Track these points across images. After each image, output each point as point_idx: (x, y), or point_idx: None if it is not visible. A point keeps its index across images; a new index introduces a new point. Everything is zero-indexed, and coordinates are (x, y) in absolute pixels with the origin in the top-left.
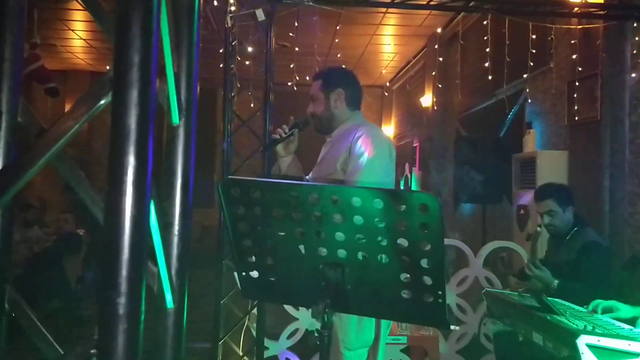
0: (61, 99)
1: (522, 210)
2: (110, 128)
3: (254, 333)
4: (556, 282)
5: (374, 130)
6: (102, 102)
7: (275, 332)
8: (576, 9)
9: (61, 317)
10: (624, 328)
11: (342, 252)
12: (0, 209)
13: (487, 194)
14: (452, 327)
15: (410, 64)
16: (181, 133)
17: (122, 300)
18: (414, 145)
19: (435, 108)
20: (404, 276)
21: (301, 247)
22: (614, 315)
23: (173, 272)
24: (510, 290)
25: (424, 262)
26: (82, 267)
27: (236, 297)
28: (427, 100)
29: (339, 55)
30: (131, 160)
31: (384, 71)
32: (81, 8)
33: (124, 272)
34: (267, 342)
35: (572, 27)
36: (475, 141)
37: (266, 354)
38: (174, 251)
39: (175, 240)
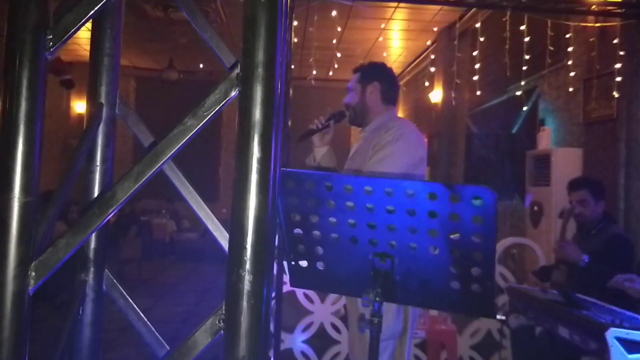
0: (67, 90)
1: (535, 207)
2: (237, 122)
3: (272, 328)
4: (585, 257)
5: (405, 125)
6: (229, 98)
7: (290, 325)
8: (594, 6)
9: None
10: None
11: (392, 243)
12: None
13: (499, 191)
14: (498, 316)
15: (420, 58)
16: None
17: (248, 277)
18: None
19: (446, 103)
20: (454, 267)
21: (352, 237)
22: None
23: None
24: (528, 286)
25: (475, 254)
26: None
27: None
28: (436, 95)
29: (353, 51)
30: (256, 152)
31: (393, 66)
32: None
33: (249, 251)
34: (282, 335)
35: (589, 24)
36: (487, 138)
37: (282, 346)
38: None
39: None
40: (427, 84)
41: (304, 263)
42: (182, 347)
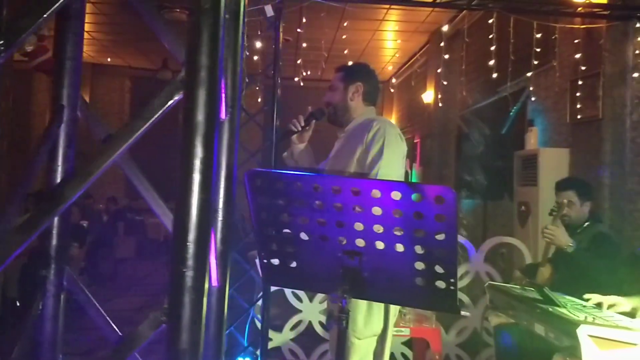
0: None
1: (523, 207)
2: (181, 123)
3: (259, 324)
4: (572, 242)
5: (388, 125)
6: (173, 100)
7: (279, 323)
8: (580, 8)
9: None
10: (622, 320)
11: (360, 241)
12: (62, 206)
13: (489, 191)
14: (462, 313)
15: (413, 60)
16: (227, 128)
17: (190, 274)
18: (415, 141)
19: (438, 104)
20: (419, 264)
21: (321, 236)
22: (616, 310)
23: (217, 254)
24: (513, 284)
25: (438, 251)
26: (85, 258)
27: (242, 289)
28: (428, 96)
29: (345, 52)
30: (199, 152)
31: (386, 67)
32: None
33: (191, 249)
34: (271, 334)
35: (575, 26)
36: (477, 137)
37: (270, 345)
38: (219, 235)
39: (220, 225)
40: (419, 85)
41: (275, 261)
42: (126, 340)
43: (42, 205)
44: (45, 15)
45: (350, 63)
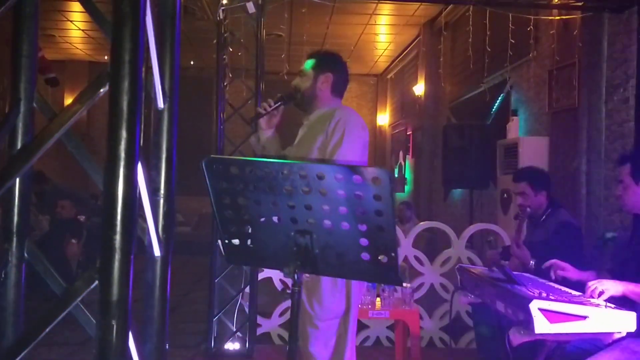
0: (60, 88)
1: (505, 195)
2: (108, 110)
3: (247, 311)
4: (532, 262)
5: (350, 115)
6: (102, 90)
7: (267, 310)
8: (555, 0)
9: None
10: (574, 295)
11: (310, 221)
12: (20, 177)
13: (475, 180)
14: (404, 284)
15: (404, 53)
16: (165, 115)
17: (117, 237)
18: (408, 133)
19: (428, 96)
20: (363, 240)
21: (275, 216)
22: (563, 274)
23: (160, 227)
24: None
25: (378, 228)
26: (82, 252)
27: (230, 277)
28: (419, 89)
29: (337, 47)
30: (124, 134)
31: (377, 60)
32: None
33: (119, 217)
34: (259, 320)
35: (551, 18)
36: (463, 128)
37: (259, 331)
38: (161, 210)
39: (162, 201)
40: (411, 77)
41: (236, 241)
42: (65, 293)
43: None
44: None
45: (323, 50)
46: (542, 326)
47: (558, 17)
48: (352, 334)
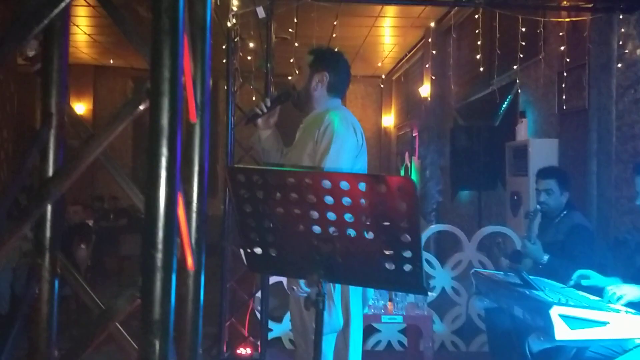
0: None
1: (515, 197)
2: (149, 128)
3: (259, 315)
4: (546, 257)
5: (340, 120)
6: (141, 107)
7: (278, 314)
8: (565, 2)
9: (71, 304)
10: (594, 300)
11: (333, 230)
12: (56, 196)
13: (483, 181)
14: (429, 293)
15: (409, 54)
16: (197, 129)
17: (159, 255)
18: (414, 134)
19: (434, 98)
20: (387, 250)
21: (298, 225)
22: (589, 283)
23: (193, 240)
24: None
25: (403, 237)
26: (91, 256)
27: (241, 281)
28: (425, 90)
29: (342, 49)
30: (164, 152)
31: (383, 62)
32: (85, 4)
33: (160, 234)
34: (271, 324)
35: (561, 19)
36: (471, 130)
37: (270, 335)
38: (193, 224)
39: (194, 215)
40: (416, 79)
41: (258, 250)
42: (106, 311)
43: (33, 200)
44: (28, 38)
45: (322, 47)
46: (562, 332)
47: (568, 19)
48: (355, 345)
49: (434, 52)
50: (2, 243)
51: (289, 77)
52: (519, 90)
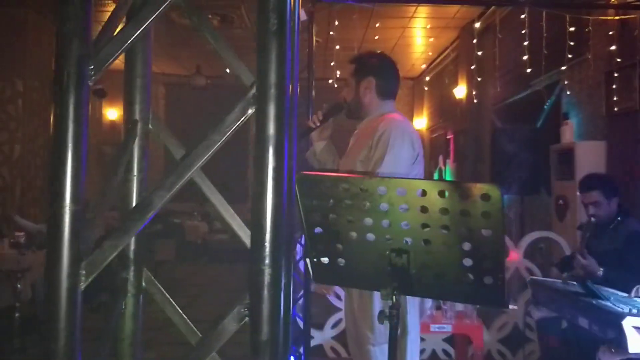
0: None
1: (560, 201)
2: (255, 136)
3: (300, 323)
4: (601, 270)
5: (395, 128)
6: (248, 113)
7: (320, 321)
8: (613, 0)
9: (107, 311)
10: None
11: (407, 239)
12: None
13: (525, 186)
14: (510, 306)
15: (443, 55)
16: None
17: (268, 271)
18: (448, 137)
19: (470, 99)
20: (467, 261)
21: (369, 235)
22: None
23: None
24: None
25: (485, 248)
26: None
27: None
28: (460, 91)
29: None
30: (271, 161)
31: (416, 63)
32: (109, 10)
33: (267, 249)
34: (312, 332)
35: (609, 18)
36: (513, 132)
37: (312, 343)
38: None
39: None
40: (451, 80)
41: (325, 260)
42: (212, 333)
43: (134, 214)
44: (130, 40)
45: (363, 53)
46: (636, 345)
47: (617, 18)
48: (411, 357)
49: (478, 53)
50: (104, 258)
51: (329, 80)
52: (565, 92)
